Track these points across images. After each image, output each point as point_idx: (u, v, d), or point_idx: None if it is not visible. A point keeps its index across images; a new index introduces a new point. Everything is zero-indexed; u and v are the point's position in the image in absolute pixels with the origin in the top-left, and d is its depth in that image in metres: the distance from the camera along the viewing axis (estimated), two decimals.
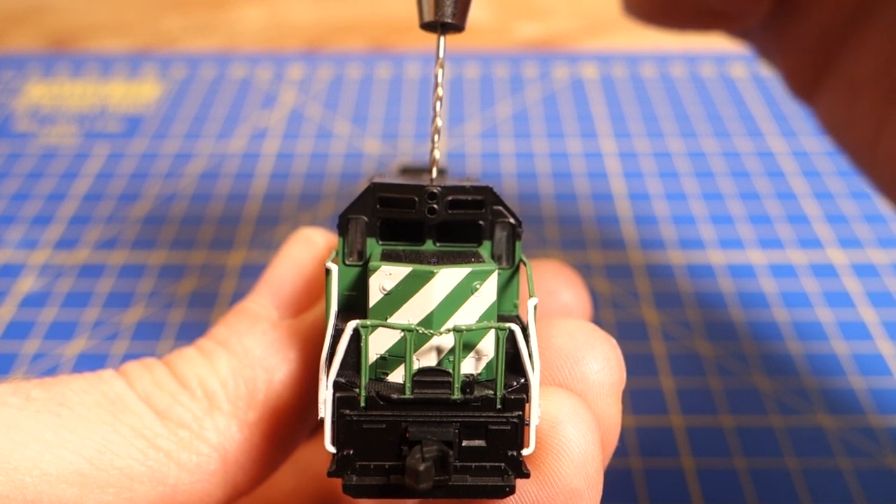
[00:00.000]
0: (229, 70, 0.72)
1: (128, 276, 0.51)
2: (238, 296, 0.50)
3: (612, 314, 0.48)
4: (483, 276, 0.22)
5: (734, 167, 0.60)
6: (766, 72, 0.71)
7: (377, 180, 0.24)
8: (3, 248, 0.53)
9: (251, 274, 0.51)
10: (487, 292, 0.22)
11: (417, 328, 0.21)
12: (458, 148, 0.62)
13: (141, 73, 0.72)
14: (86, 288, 0.50)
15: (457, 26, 0.25)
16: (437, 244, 0.24)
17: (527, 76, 0.71)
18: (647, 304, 0.49)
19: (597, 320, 0.31)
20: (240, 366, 0.25)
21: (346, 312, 0.23)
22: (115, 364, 0.45)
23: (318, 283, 0.28)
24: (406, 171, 0.36)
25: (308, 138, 0.63)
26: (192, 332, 0.47)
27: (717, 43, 0.76)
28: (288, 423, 0.26)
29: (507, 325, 0.21)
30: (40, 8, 0.83)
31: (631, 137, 0.63)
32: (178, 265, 0.52)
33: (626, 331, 0.47)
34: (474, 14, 0.25)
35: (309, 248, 0.29)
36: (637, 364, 0.45)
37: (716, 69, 0.71)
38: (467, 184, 0.24)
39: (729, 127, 0.64)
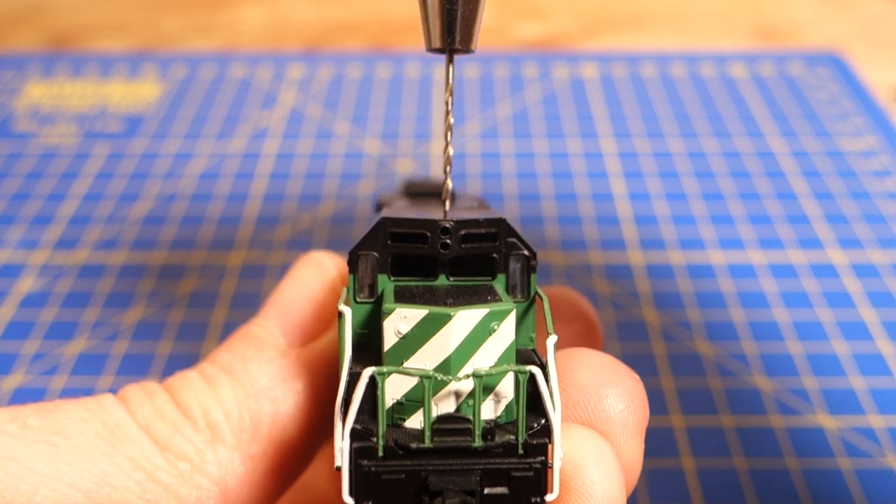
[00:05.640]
0: (229, 70, 0.72)
1: (128, 276, 0.51)
2: (238, 296, 0.50)
3: (612, 314, 0.48)
4: (501, 316, 0.21)
5: (734, 167, 0.60)
6: (766, 72, 0.71)
7: (387, 214, 0.23)
8: (3, 248, 0.53)
9: (251, 274, 0.51)
10: (506, 332, 0.21)
11: (436, 375, 0.20)
12: (459, 148, 0.62)
13: (141, 73, 0.72)
14: (86, 288, 0.50)
15: (466, 51, 0.24)
16: (451, 278, 0.23)
17: (527, 76, 0.71)
18: (647, 304, 0.49)
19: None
20: (245, 396, 0.25)
21: (358, 352, 0.22)
22: (114, 364, 0.45)
23: (328, 310, 0.27)
24: (411, 189, 0.35)
25: (308, 138, 0.63)
26: (192, 332, 0.47)
27: (717, 43, 0.76)
28: (292, 457, 0.25)
29: (528, 368, 0.21)
30: (40, 8, 0.83)
31: (631, 137, 0.63)
32: (178, 265, 0.52)
33: (626, 331, 0.47)
34: None
35: (319, 272, 0.28)
36: (637, 364, 0.45)
37: (716, 69, 0.71)
38: (480, 216, 0.23)
39: (729, 127, 0.64)
